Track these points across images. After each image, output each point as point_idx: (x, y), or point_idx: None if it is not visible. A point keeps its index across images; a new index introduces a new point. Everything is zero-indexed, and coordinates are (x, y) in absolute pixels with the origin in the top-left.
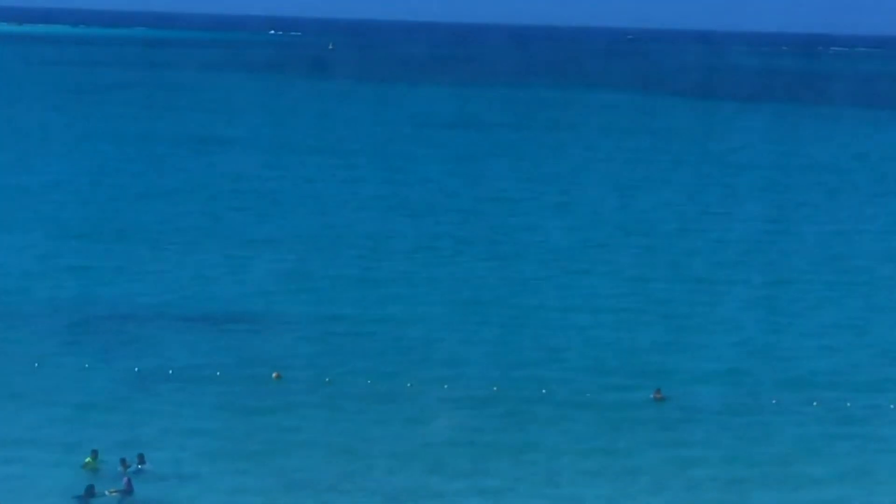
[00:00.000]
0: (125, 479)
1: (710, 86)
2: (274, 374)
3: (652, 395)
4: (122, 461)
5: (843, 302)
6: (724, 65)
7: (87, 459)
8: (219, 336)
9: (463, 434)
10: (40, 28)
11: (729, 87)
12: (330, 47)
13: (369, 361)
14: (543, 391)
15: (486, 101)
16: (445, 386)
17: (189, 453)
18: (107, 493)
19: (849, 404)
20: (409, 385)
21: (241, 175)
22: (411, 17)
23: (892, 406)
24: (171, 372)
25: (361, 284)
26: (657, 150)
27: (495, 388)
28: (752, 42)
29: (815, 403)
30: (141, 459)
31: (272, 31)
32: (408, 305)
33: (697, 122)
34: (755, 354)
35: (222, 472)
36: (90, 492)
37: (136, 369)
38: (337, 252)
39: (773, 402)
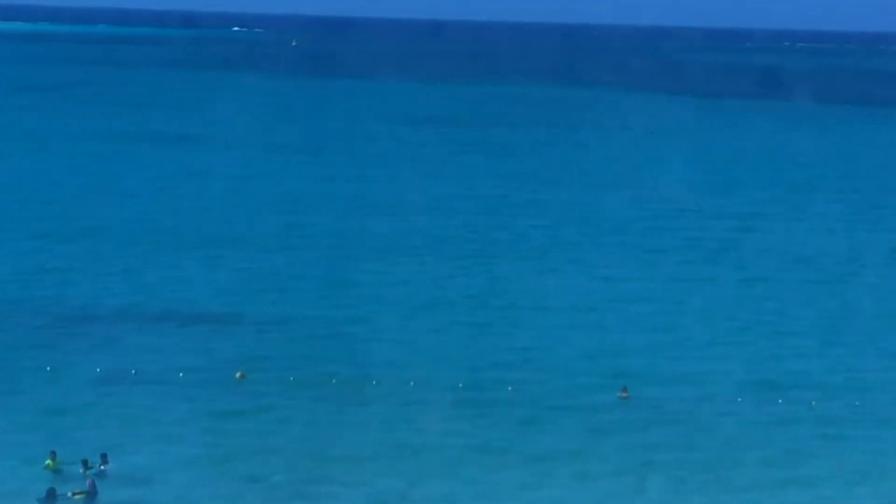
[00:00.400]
0: (89, 481)
1: (677, 83)
2: (238, 374)
3: (618, 394)
4: (84, 462)
5: (814, 301)
6: (691, 61)
7: (48, 461)
8: (184, 336)
9: (431, 437)
10: None
11: (695, 83)
12: (293, 44)
13: (336, 362)
14: (511, 390)
15: (457, 98)
16: (413, 386)
17: (153, 454)
18: (69, 494)
19: (813, 402)
20: (375, 385)
21: (208, 173)
22: (377, 14)
23: (858, 405)
24: (134, 372)
25: (330, 284)
26: (629, 148)
27: (463, 390)
28: (719, 38)
29: (780, 401)
30: (104, 460)
31: (235, 28)
32: (377, 305)
33: (667, 118)
34: (727, 354)
35: (186, 474)
36: (52, 494)
37: (98, 370)
38: (305, 251)
39: (744, 402)
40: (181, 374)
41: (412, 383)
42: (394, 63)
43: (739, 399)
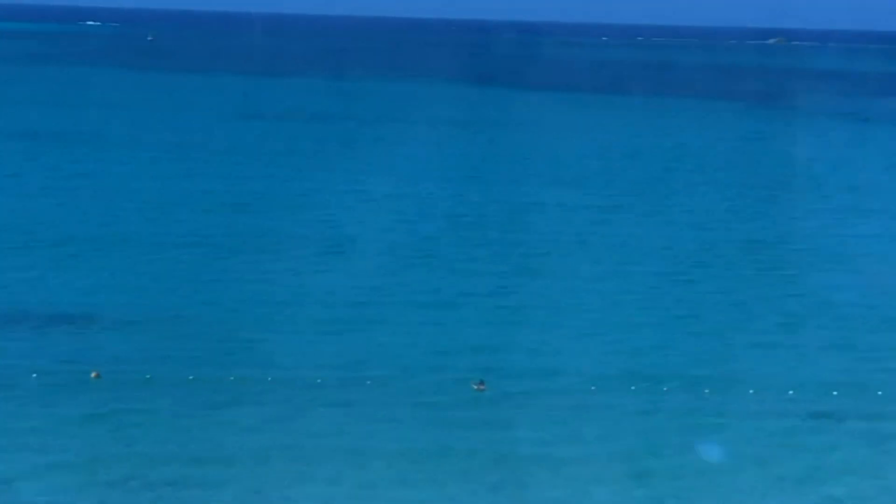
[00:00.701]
0: None
1: (544, 77)
2: (93, 374)
3: (474, 387)
4: None
5: (669, 293)
6: (562, 56)
7: None
8: (38, 338)
9: (290, 437)
10: None
11: (560, 77)
12: (149, 38)
13: (194, 361)
14: (370, 385)
15: (313, 92)
16: (271, 384)
17: (7, 460)
18: None
19: (665, 388)
20: (233, 383)
21: (62, 171)
22: (233, 9)
23: (708, 392)
24: None
25: (190, 283)
26: (488, 143)
27: (322, 388)
28: (599, 34)
29: (636, 393)
30: None
31: (90, 22)
32: (235, 303)
33: (528, 112)
34: (584, 347)
35: (44, 481)
36: None
37: None
38: (165, 250)
39: (600, 395)
40: (34, 376)
41: (270, 380)
42: (248, 58)
43: (594, 388)
